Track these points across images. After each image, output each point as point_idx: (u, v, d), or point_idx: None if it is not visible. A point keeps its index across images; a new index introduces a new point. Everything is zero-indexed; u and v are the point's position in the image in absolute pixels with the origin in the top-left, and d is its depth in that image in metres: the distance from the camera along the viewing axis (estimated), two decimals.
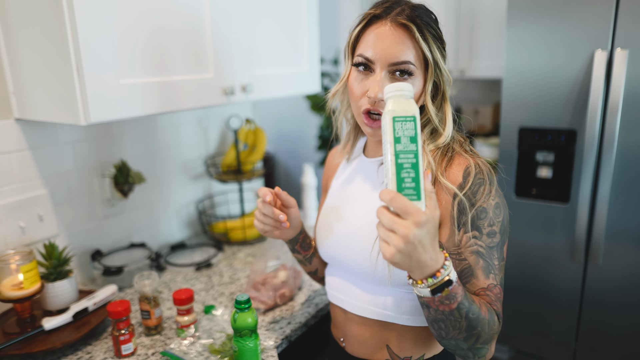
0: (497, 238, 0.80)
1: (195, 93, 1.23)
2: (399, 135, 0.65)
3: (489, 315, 0.74)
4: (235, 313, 0.94)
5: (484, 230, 0.79)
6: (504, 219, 0.81)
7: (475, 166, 0.80)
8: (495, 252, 0.80)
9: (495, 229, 0.79)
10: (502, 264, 0.81)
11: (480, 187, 0.79)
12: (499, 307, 0.80)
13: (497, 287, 0.79)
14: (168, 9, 1.14)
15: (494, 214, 0.79)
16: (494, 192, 0.80)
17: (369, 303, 0.92)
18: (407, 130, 0.65)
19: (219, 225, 1.71)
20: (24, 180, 1.23)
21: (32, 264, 1.06)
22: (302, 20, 1.57)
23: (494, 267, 0.79)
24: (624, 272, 1.81)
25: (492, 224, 0.79)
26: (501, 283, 0.81)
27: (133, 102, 1.09)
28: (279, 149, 4.22)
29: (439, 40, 0.84)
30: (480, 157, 0.85)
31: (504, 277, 0.83)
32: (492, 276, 0.79)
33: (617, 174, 1.74)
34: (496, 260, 0.80)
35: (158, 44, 1.13)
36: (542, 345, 2.07)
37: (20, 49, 1.10)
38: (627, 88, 1.67)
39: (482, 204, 0.79)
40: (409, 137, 0.65)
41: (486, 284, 0.79)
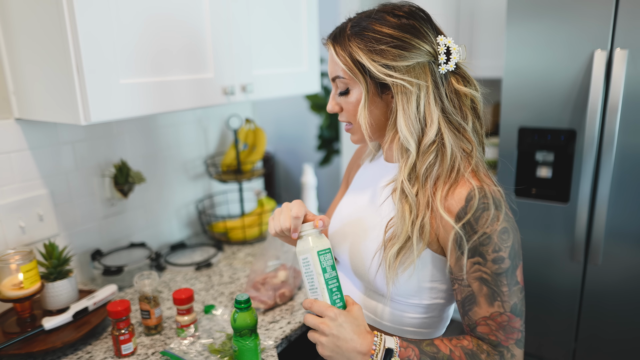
0: (505, 264, 0.76)
1: (195, 93, 1.23)
2: (324, 266, 0.80)
3: (467, 358, 0.78)
4: (235, 313, 0.94)
5: (488, 256, 0.76)
6: (513, 244, 0.77)
7: (480, 190, 0.77)
8: (505, 278, 0.76)
9: (503, 255, 0.76)
10: (517, 289, 0.78)
11: (483, 213, 0.76)
12: (501, 336, 0.77)
13: (505, 315, 0.77)
14: (168, 9, 1.14)
15: (500, 240, 0.76)
16: (502, 217, 0.76)
17: (368, 309, 0.92)
18: (327, 260, 0.81)
19: (219, 225, 1.71)
20: (24, 180, 1.23)
21: (32, 264, 1.06)
22: (302, 20, 1.57)
23: (501, 294, 0.76)
24: (623, 272, 1.81)
25: (498, 249, 0.76)
26: (514, 309, 0.77)
27: (133, 102, 1.09)
28: (279, 149, 4.22)
29: (373, 41, 0.79)
30: (488, 178, 0.81)
31: (522, 301, 0.79)
32: (497, 304, 0.77)
33: (617, 174, 1.74)
34: (505, 287, 0.76)
35: (158, 44, 1.13)
36: (542, 345, 2.07)
37: (20, 48, 1.10)
38: (626, 88, 1.67)
39: (485, 230, 0.75)
40: (330, 265, 0.81)
41: (489, 312, 0.77)
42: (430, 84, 0.80)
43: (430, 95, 0.80)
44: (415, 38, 0.79)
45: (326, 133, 3.63)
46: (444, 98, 0.81)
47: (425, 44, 0.79)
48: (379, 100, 0.84)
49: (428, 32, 0.81)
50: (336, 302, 0.81)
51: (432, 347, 0.78)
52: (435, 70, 0.81)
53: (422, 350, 0.78)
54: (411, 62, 0.78)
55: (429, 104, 0.80)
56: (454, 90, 0.83)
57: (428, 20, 0.83)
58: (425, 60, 0.80)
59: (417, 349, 0.78)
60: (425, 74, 0.80)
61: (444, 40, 0.81)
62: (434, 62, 0.81)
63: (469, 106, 0.84)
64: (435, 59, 0.81)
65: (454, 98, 0.83)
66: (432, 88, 0.80)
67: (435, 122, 0.80)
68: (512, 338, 0.78)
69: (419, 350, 0.77)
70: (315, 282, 0.81)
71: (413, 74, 0.79)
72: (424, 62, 0.79)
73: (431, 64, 0.80)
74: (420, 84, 0.79)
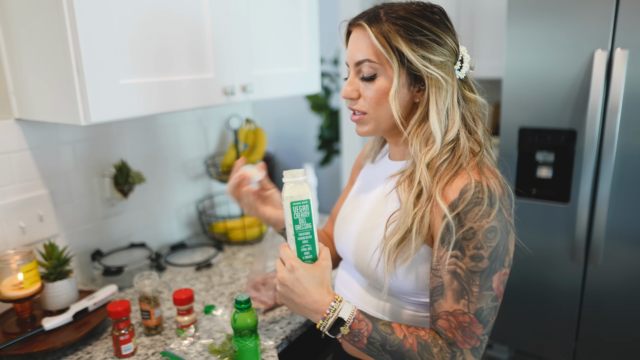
0: (483, 264, 0.74)
1: (196, 93, 1.23)
2: (297, 217, 0.80)
3: (418, 348, 0.76)
4: (235, 313, 0.94)
5: (468, 252, 0.74)
6: (498, 246, 0.74)
7: (477, 184, 0.75)
8: (478, 278, 0.74)
9: (483, 254, 0.73)
10: (488, 295, 0.75)
11: (475, 207, 0.74)
12: (458, 336, 0.75)
13: (468, 315, 0.74)
14: (168, 9, 1.14)
15: (485, 238, 0.73)
16: (493, 215, 0.74)
17: (368, 304, 0.92)
18: (303, 212, 0.80)
19: (219, 225, 1.71)
20: (24, 180, 1.23)
21: (32, 264, 1.06)
22: (302, 20, 1.57)
23: (470, 293, 0.74)
24: (624, 272, 1.81)
25: (480, 247, 0.73)
26: (479, 314, 0.74)
27: (133, 102, 1.09)
28: (279, 149, 4.22)
29: (413, 31, 0.79)
30: (492, 174, 0.79)
31: (492, 311, 0.76)
32: (463, 302, 0.74)
33: (617, 174, 1.74)
34: (476, 288, 0.74)
35: (158, 44, 1.13)
36: (542, 345, 2.07)
37: (21, 49, 1.10)
38: (627, 88, 1.67)
39: (472, 225, 0.74)
40: (305, 217, 0.80)
41: (452, 308, 0.75)
42: (455, 84, 0.83)
43: (455, 95, 0.83)
44: (448, 37, 0.82)
45: (326, 133, 3.63)
46: (461, 100, 0.84)
47: (454, 45, 0.83)
48: (406, 92, 0.83)
49: (455, 35, 0.85)
50: (304, 254, 0.81)
51: (387, 328, 0.78)
52: (455, 72, 0.84)
53: (376, 327, 0.78)
54: (444, 59, 0.81)
55: (453, 102, 0.82)
56: (464, 96, 0.86)
57: (452, 23, 0.86)
58: (451, 61, 0.82)
59: (370, 325, 0.78)
60: (452, 73, 0.83)
61: (461, 48, 0.85)
62: (454, 65, 0.84)
63: (477, 112, 0.87)
64: (454, 63, 0.83)
65: (464, 103, 0.86)
66: (456, 88, 0.83)
67: (457, 121, 0.82)
68: (469, 342, 0.75)
69: (372, 327, 0.78)
70: (289, 234, 0.82)
71: (445, 70, 0.81)
72: (450, 62, 0.82)
73: (452, 65, 0.83)
74: (449, 81, 0.81)
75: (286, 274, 0.80)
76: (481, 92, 0.89)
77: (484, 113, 0.88)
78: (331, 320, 0.77)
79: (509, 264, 0.77)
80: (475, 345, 0.76)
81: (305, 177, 0.83)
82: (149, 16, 1.10)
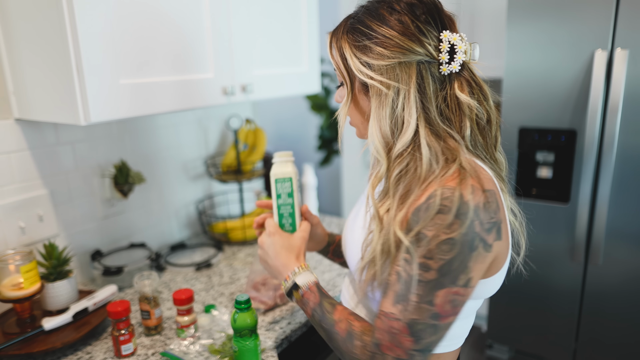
0: (430, 275, 0.66)
1: (195, 93, 1.23)
2: (279, 192, 0.93)
3: (345, 335, 0.76)
4: (235, 313, 0.94)
5: (417, 259, 0.67)
6: (453, 261, 0.66)
7: (447, 191, 0.67)
8: (420, 289, 0.67)
9: (432, 265, 0.66)
10: (427, 311, 0.67)
11: (437, 214, 0.66)
12: (384, 340, 0.69)
13: (399, 322, 0.68)
14: (168, 9, 1.14)
15: (438, 249, 0.66)
16: (456, 229, 0.66)
17: (353, 306, 0.90)
18: (285, 188, 0.93)
19: (219, 226, 1.71)
20: (24, 180, 1.23)
21: (32, 264, 1.06)
22: (302, 20, 1.57)
23: (407, 301, 0.68)
24: (624, 272, 1.80)
25: (430, 257, 0.66)
26: (411, 326, 0.67)
27: (133, 102, 1.09)
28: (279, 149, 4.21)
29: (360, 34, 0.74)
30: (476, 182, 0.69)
31: (428, 331, 0.68)
32: (399, 307, 0.68)
33: (617, 174, 1.74)
34: (415, 297, 0.67)
35: (158, 44, 1.13)
36: (542, 345, 2.07)
37: (20, 49, 1.10)
38: (627, 88, 1.67)
39: (427, 233, 0.67)
40: (287, 193, 0.93)
41: (388, 310, 0.70)
42: (413, 87, 0.72)
43: (410, 100, 0.72)
44: (403, 36, 0.72)
45: (326, 133, 3.63)
46: (429, 102, 0.73)
47: (414, 44, 0.71)
48: (365, 99, 0.79)
49: (425, 30, 0.72)
50: (284, 225, 0.95)
51: (330, 307, 0.81)
52: (427, 71, 0.73)
53: (322, 303, 0.82)
54: (390, 62, 0.72)
55: (407, 109, 0.72)
56: (454, 96, 0.75)
57: (432, 13, 0.74)
58: (413, 60, 0.72)
59: (318, 299, 0.82)
60: (409, 75, 0.72)
61: (448, 37, 0.73)
62: (429, 62, 0.73)
63: (470, 116, 0.75)
64: (432, 59, 0.73)
65: (453, 104, 0.75)
66: (413, 91, 0.72)
67: (411, 129, 0.72)
68: (394, 351, 0.69)
69: (319, 302, 0.82)
70: (274, 208, 0.95)
71: (392, 75, 0.72)
72: (408, 62, 0.72)
73: (422, 64, 0.73)
74: (398, 86, 0.72)
75: (265, 237, 0.92)
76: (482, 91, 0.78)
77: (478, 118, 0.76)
78: (289, 283, 0.86)
79: (465, 284, 0.68)
80: (401, 357, 0.69)
81: (292, 158, 0.96)
82: (148, 16, 1.10)
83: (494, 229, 0.70)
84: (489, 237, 0.69)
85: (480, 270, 0.70)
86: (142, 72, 1.10)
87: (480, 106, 0.76)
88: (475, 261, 0.68)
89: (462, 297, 0.69)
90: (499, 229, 0.71)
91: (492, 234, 0.70)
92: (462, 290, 0.68)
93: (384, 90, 0.73)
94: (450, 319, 0.69)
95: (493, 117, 0.78)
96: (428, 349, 0.70)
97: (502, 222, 0.71)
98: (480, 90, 0.77)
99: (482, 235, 0.68)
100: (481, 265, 0.70)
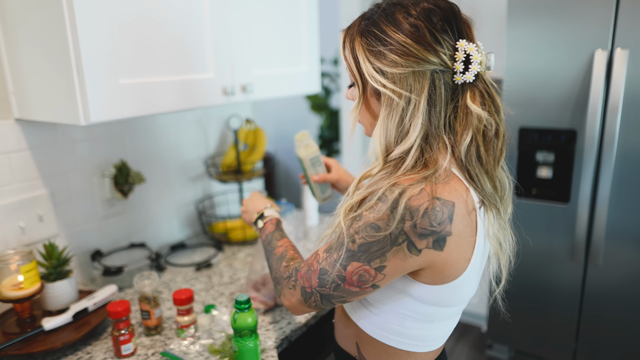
0: (352, 247, 0.73)
1: (195, 93, 1.23)
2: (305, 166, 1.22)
3: (278, 255, 0.91)
4: (235, 313, 0.94)
5: (350, 230, 0.74)
6: (372, 244, 0.71)
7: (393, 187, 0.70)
8: (343, 252, 0.74)
9: (356, 239, 0.72)
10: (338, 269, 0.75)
11: (375, 200, 0.71)
12: (303, 269, 0.81)
13: (317, 265, 0.79)
14: (168, 9, 1.14)
15: (365, 229, 0.71)
16: (384, 218, 0.69)
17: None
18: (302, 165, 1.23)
19: (219, 226, 1.71)
20: (24, 180, 1.23)
21: (32, 264, 1.06)
22: (302, 20, 1.57)
23: (330, 255, 0.77)
24: (624, 272, 1.81)
25: (357, 232, 0.72)
26: (322, 272, 0.77)
27: (133, 102, 1.09)
28: (279, 149, 4.22)
29: (376, 39, 0.74)
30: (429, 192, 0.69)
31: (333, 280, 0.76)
32: (325, 255, 0.78)
33: (617, 174, 1.74)
34: (336, 256, 0.75)
35: (158, 44, 1.13)
36: (542, 345, 2.07)
37: (21, 49, 1.10)
38: (627, 88, 1.67)
39: (362, 212, 0.72)
40: (303, 169, 1.23)
41: (320, 252, 0.80)
42: (424, 98, 0.71)
43: (418, 110, 0.72)
44: (418, 45, 0.71)
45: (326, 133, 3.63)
46: (436, 114, 0.73)
47: (429, 54, 0.71)
48: (376, 102, 0.79)
49: (441, 38, 0.71)
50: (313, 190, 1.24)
51: (279, 236, 0.97)
52: (440, 80, 0.72)
53: (274, 231, 0.99)
54: (404, 71, 0.71)
55: (413, 119, 0.72)
56: (465, 106, 0.74)
57: (449, 20, 0.73)
58: (427, 70, 0.71)
59: (274, 228, 1.00)
60: (422, 85, 0.72)
61: (464, 47, 0.72)
62: (443, 71, 0.72)
63: (478, 127, 0.74)
64: (446, 68, 0.72)
65: (462, 114, 0.74)
66: (423, 102, 0.72)
67: (412, 140, 0.73)
68: (304, 280, 0.80)
69: (273, 230, 1.00)
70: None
71: (404, 84, 0.72)
72: (422, 72, 0.71)
73: (436, 73, 0.72)
74: (410, 96, 0.72)
75: (246, 199, 1.16)
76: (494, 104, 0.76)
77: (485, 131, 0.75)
78: (258, 213, 1.06)
79: (377, 268, 0.72)
80: (307, 289, 0.80)
81: (306, 140, 1.20)
82: (149, 16, 1.10)
83: (430, 237, 0.69)
84: (420, 242, 0.70)
85: (397, 265, 0.72)
86: (142, 72, 1.10)
87: (490, 117, 0.75)
88: (394, 254, 0.71)
89: (370, 277, 0.74)
90: (439, 240, 0.70)
91: (426, 241, 0.70)
92: (372, 272, 0.74)
93: (395, 99, 0.73)
94: (354, 289, 0.76)
95: (502, 130, 0.77)
96: (326, 297, 0.79)
97: (450, 235, 0.70)
98: (492, 102, 0.76)
99: (410, 237, 0.69)
100: (400, 261, 0.72)
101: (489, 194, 0.76)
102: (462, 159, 0.74)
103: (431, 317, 0.81)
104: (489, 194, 0.76)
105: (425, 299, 0.78)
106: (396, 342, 0.84)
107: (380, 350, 0.86)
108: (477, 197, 0.75)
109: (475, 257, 0.76)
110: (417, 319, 0.81)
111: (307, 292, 0.80)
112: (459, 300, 0.80)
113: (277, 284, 0.89)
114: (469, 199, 0.73)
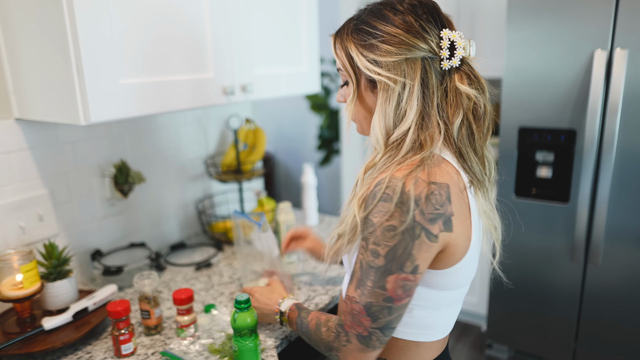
0: (379, 261, 0.74)
1: (195, 93, 1.23)
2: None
3: (314, 327, 0.87)
4: (235, 313, 0.94)
5: (369, 245, 0.75)
6: (397, 247, 0.72)
7: (391, 180, 0.73)
8: (373, 274, 0.75)
9: (380, 251, 0.73)
10: (380, 294, 0.74)
11: (380, 202, 0.73)
12: (347, 320, 0.79)
13: (358, 305, 0.77)
14: (168, 9, 1.14)
15: (382, 235, 0.73)
16: (397, 217, 0.72)
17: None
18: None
19: (219, 225, 1.71)
20: (24, 180, 1.23)
21: (32, 264, 1.06)
22: (301, 20, 1.57)
23: (364, 286, 0.76)
24: (623, 272, 1.81)
25: (377, 243, 0.74)
26: (367, 308, 0.75)
27: (133, 102, 1.09)
28: (279, 149, 4.22)
29: (366, 34, 0.80)
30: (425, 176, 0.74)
31: (383, 311, 0.75)
32: (358, 292, 0.77)
33: (617, 174, 1.74)
34: (370, 282, 0.75)
35: (158, 44, 1.13)
36: (542, 345, 2.07)
37: (20, 49, 1.10)
38: (626, 88, 1.67)
39: (373, 220, 0.74)
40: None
41: (350, 294, 0.78)
42: (417, 81, 0.78)
43: (413, 94, 0.78)
44: (408, 34, 0.77)
45: (326, 133, 3.63)
46: (430, 96, 0.79)
47: (418, 41, 0.77)
48: (370, 95, 0.84)
49: (427, 28, 0.78)
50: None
51: (305, 314, 0.92)
52: (430, 66, 0.78)
53: (300, 315, 0.94)
54: (398, 58, 0.77)
55: (409, 102, 0.78)
56: (454, 88, 0.80)
57: (432, 13, 0.80)
58: (417, 56, 0.78)
59: (296, 313, 0.95)
60: (414, 70, 0.78)
61: (448, 35, 0.78)
62: (432, 58, 0.78)
63: (468, 106, 0.80)
64: (434, 55, 0.78)
65: (452, 96, 0.80)
66: (417, 86, 0.78)
67: (409, 121, 0.78)
68: (355, 329, 0.78)
69: (297, 315, 0.94)
70: None
71: (398, 71, 0.78)
72: (414, 58, 0.78)
73: (426, 60, 0.78)
74: (404, 81, 0.78)
75: (252, 300, 1.06)
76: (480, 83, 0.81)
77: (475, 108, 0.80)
78: (278, 314, 1.00)
79: (412, 270, 0.74)
80: (363, 333, 0.77)
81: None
82: (148, 16, 1.10)
83: (439, 219, 0.74)
84: (433, 227, 0.73)
85: (426, 258, 0.75)
86: (142, 72, 1.10)
87: (479, 95, 0.81)
88: (419, 249, 0.73)
89: (412, 282, 0.75)
90: (447, 221, 0.75)
91: (437, 225, 0.74)
92: (411, 277, 0.74)
93: (391, 85, 0.78)
94: (404, 301, 0.76)
95: (488, 108, 0.83)
96: (387, 326, 0.77)
97: (453, 215, 0.75)
98: (478, 82, 0.82)
99: (424, 225, 0.73)
100: (426, 253, 0.75)
101: (478, 174, 0.82)
102: (455, 138, 0.80)
103: (438, 303, 0.84)
104: (477, 174, 0.82)
105: (434, 284, 0.81)
106: (405, 334, 0.86)
107: (389, 344, 0.87)
108: (467, 177, 0.81)
109: (474, 234, 0.80)
110: (425, 306, 0.84)
111: (365, 336, 0.77)
112: (464, 281, 0.84)
113: (331, 351, 0.83)
114: (460, 180, 0.78)
